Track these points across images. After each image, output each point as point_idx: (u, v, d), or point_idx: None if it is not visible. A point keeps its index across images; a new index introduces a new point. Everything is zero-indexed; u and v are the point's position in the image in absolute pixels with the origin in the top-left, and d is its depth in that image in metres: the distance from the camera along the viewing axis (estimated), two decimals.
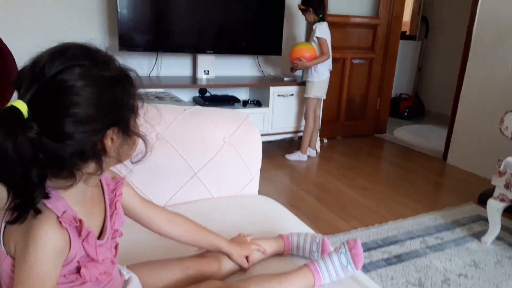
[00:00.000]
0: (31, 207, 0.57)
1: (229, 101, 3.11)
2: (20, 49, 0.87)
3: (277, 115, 3.26)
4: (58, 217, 0.59)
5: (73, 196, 0.64)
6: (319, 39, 2.97)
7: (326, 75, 3.12)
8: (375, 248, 1.94)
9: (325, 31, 2.98)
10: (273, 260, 1.02)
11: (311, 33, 3.09)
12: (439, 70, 4.99)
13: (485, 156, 2.99)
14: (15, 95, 0.59)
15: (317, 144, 3.42)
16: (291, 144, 3.62)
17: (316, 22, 2.99)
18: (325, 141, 3.75)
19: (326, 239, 1.02)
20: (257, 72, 3.54)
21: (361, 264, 0.94)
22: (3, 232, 0.60)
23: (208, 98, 3.08)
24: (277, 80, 3.34)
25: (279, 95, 3.22)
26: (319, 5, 2.98)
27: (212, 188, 1.33)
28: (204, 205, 1.27)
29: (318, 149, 3.43)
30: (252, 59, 3.48)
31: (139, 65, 2.91)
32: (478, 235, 2.10)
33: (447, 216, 2.32)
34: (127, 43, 2.75)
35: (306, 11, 3.00)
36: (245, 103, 3.20)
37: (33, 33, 2.62)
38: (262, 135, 3.27)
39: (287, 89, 3.25)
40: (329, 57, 3.03)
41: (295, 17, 3.46)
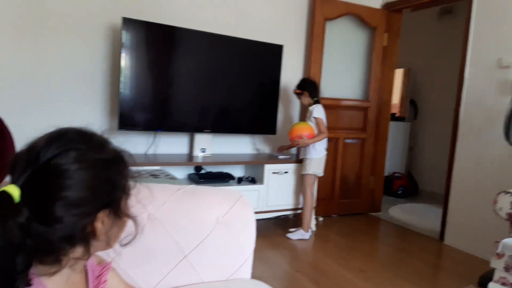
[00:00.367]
0: None
1: (224, 178, 3.13)
2: (23, 130, 0.91)
3: (272, 192, 3.27)
4: None
5: (56, 283, 0.61)
6: (317, 119, 3.12)
7: (323, 153, 3.21)
8: None
9: (321, 112, 3.15)
10: None
11: (307, 114, 3.24)
12: (429, 150, 5.12)
13: (482, 236, 2.94)
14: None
15: (313, 222, 3.37)
16: (286, 221, 3.56)
17: (312, 104, 3.17)
18: (320, 219, 3.70)
19: None
20: (252, 149, 3.62)
21: None
22: None
23: (203, 175, 3.11)
24: (272, 157, 3.40)
25: (273, 173, 3.26)
26: (314, 89, 3.18)
27: (202, 271, 1.28)
28: None
29: (313, 228, 3.37)
30: (248, 138, 3.58)
31: (137, 143, 2.98)
32: None
33: None
34: (127, 122, 2.84)
35: (301, 95, 3.18)
36: (240, 180, 3.22)
37: (37, 114, 2.71)
38: (256, 213, 3.25)
39: (281, 167, 3.30)
40: (327, 135, 3.17)
41: (289, 99, 3.65)
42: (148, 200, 1.21)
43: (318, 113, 3.13)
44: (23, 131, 1.11)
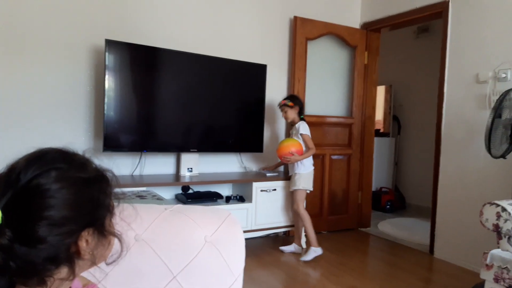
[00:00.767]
0: None
1: (212, 198, 3.10)
2: (6, 151, 0.89)
3: (261, 210, 3.24)
4: None
5: None
6: (304, 136, 3.15)
7: (311, 168, 3.23)
8: None
9: (307, 129, 3.19)
10: None
11: (291, 131, 3.27)
12: (414, 164, 5.19)
13: (471, 248, 2.96)
14: None
15: (303, 240, 3.35)
16: (276, 240, 3.53)
17: (297, 121, 3.20)
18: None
19: None
20: (239, 168, 3.61)
21: None
22: None
23: (190, 195, 3.07)
24: (259, 175, 3.39)
25: (262, 190, 3.24)
26: (302, 106, 3.25)
27: None
28: None
29: (304, 245, 3.35)
30: (235, 156, 3.57)
31: (123, 164, 2.94)
32: None
33: None
34: (112, 144, 2.81)
35: (293, 108, 3.19)
36: (228, 199, 3.19)
37: (18, 136, 2.66)
38: (245, 232, 3.21)
39: (269, 184, 3.29)
40: (315, 150, 3.19)
41: (274, 117, 3.68)
42: (133, 219, 1.18)
43: (304, 129, 3.16)
44: (4, 153, 1.09)
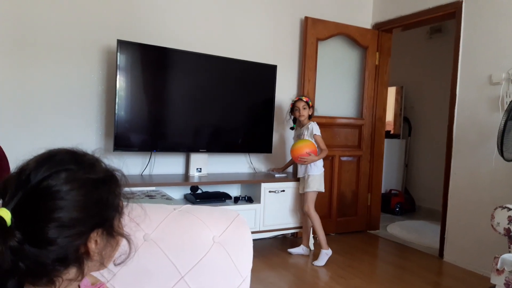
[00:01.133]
0: None
1: (220, 198, 3.11)
2: (17, 152, 0.90)
3: (269, 211, 3.24)
4: None
5: None
6: (317, 137, 3.14)
7: (322, 169, 3.22)
8: None
9: (319, 130, 3.17)
10: None
11: (298, 132, 3.24)
12: (425, 166, 5.14)
13: (481, 252, 2.92)
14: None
15: (311, 241, 3.34)
16: (284, 241, 3.53)
17: (307, 122, 3.19)
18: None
19: None
20: (248, 169, 3.61)
21: None
22: None
23: (199, 195, 3.09)
24: (268, 176, 3.39)
25: (270, 191, 3.24)
26: (313, 108, 3.26)
27: None
28: None
29: (312, 247, 3.34)
30: (244, 157, 3.58)
31: (133, 164, 2.96)
32: None
33: None
34: (122, 143, 2.84)
35: (308, 107, 3.17)
36: (237, 200, 3.20)
37: (31, 136, 2.70)
38: (253, 233, 3.21)
39: (278, 185, 3.28)
40: (327, 151, 3.19)
41: (284, 118, 3.67)
42: (143, 220, 1.19)
43: (317, 130, 3.15)
44: (17, 153, 1.11)
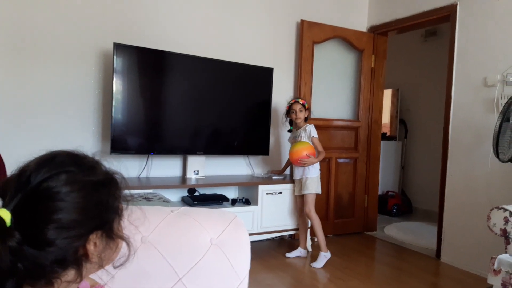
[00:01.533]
0: None
1: (218, 200, 3.11)
2: (13, 155, 0.90)
3: (266, 213, 3.24)
4: None
5: None
6: (315, 139, 3.15)
7: (319, 172, 3.22)
8: None
9: (316, 132, 3.18)
10: None
11: (299, 133, 3.20)
12: (421, 168, 5.16)
13: (478, 253, 2.93)
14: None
15: (308, 243, 3.34)
16: (281, 243, 3.53)
17: (303, 124, 3.19)
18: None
19: None
20: (246, 171, 3.61)
21: None
22: None
23: (197, 197, 3.09)
24: (265, 178, 3.40)
25: (267, 193, 3.25)
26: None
27: None
28: None
29: (309, 249, 3.34)
30: (241, 159, 3.58)
31: (130, 166, 2.95)
32: None
33: None
34: (119, 146, 2.83)
35: (304, 109, 3.18)
36: (234, 202, 3.20)
37: (27, 139, 2.69)
38: (251, 234, 3.21)
39: (275, 187, 3.29)
40: (325, 153, 3.20)
41: (281, 121, 3.68)
42: (141, 222, 1.19)
43: (315, 132, 3.16)
44: (12, 155, 1.11)
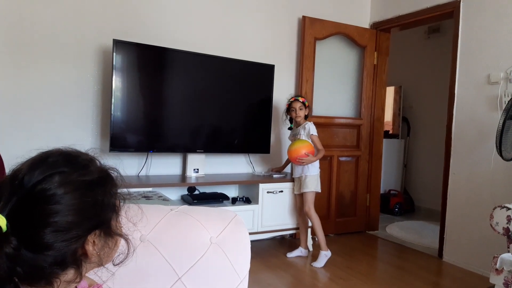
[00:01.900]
0: None
1: (218, 199, 3.09)
2: (12, 154, 0.89)
3: (267, 212, 3.22)
4: None
5: None
6: (314, 137, 3.12)
7: (319, 169, 3.19)
8: None
9: (316, 130, 3.15)
10: None
11: (298, 131, 3.17)
12: (424, 166, 5.13)
13: (480, 252, 2.91)
14: None
15: (309, 242, 3.33)
16: (282, 242, 3.51)
17: (303, 122, 3.16)
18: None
19: None
20: (247, 169, 3.59)
21: None
22: None
23: (196, 196, 3.07)
24: (266, 177, 3.37)
25: (268, 192, 3.22)
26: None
27: None
28: None
29: (310, 248, 3.32)
30: (241, 157, 3.56)
31: (129, 165, 2.94)
32: None
33: None
34: (119, 144, 2.81)
35: (304, 108, 3.15)
36: (234, 200, 3.18)
37: (26, 137, 2.68)
38: (251, 233, 3.19)
39: (276, 186, 3.27)
40: (324, 151, 3.17)
41: (282, 118, 3.65)
42: (140, 221, 1.18)
43: (314, 130, 3.13)
44: (11, 153, 1.09)
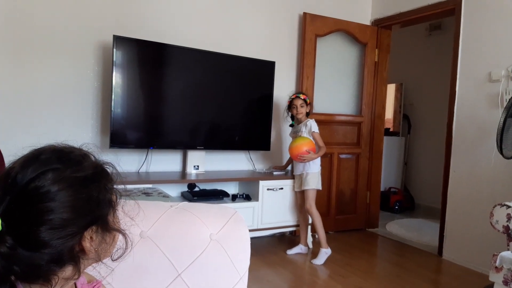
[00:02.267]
0: None
1: (218, 196, 3.09)
2: (12, 148, 0.88)
3: (267, 209, 3.22)
4: None
5: None
6: (315, 134, 3.10)
7: (320, 167, 3.18)
8: None
9: (317, 127, 3.14)
10: None
11: (300, 128, 3.16)
12: (424, 164, 5.13)
13: (480, 250, 2.91)
14: None
15: (309, 239, 3.33)
16: (281, 239, 3.51)
17: (304, 119, 3.15)
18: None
19: None
20: (247, 166, 3.59)
21: None
22: None
23: (196, 192, 3.07)
24: (266, 174, 3.37)
25: (268, 189, 3.22)
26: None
27: None
28: None
29: (310, 245, 3.32)
30: (242, 154, 3.55)
31: (129, 161, 2.94)
32: None
33: None
34: (118, 140, 2.81)
35: (305, 105, 3.13)
36: (234, 197, 3.18)
37: (26, 133, 2.67)
38: (251, 231, 3.19)
39: (276, 183, 3.26)
40: (326, 148, 3.15)
41: (282, 115, 3.65)
42: (140, 217, 1.17)
43: (316, 128, 3.12)
44: (11, 149, 1.09)
